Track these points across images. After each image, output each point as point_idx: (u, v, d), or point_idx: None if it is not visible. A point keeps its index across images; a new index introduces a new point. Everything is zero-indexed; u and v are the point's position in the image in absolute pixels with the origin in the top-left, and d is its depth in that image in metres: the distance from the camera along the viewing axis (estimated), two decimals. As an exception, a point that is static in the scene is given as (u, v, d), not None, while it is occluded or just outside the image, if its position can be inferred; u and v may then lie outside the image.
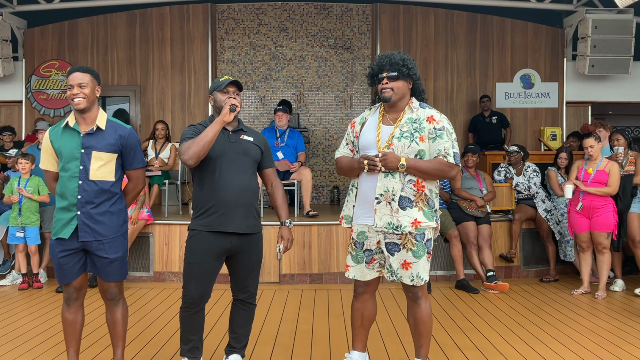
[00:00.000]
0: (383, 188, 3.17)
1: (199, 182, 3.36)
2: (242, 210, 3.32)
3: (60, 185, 3.27)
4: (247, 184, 3.36)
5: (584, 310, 5.25)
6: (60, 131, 3.30)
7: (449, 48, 9.24)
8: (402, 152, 3.16)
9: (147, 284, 6.39)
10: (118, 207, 3.35)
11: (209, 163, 3.30)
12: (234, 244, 3.34)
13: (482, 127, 8.81)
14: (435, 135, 3.16)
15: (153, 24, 9.11)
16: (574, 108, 9.32)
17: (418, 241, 3.18)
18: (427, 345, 3.34)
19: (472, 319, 4.99)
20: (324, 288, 6.20)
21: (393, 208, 3.15)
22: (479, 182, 6.57)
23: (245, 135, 3.44)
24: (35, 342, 4.26)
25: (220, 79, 3.44)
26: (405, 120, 3.21)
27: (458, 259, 6.24)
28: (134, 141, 3.38)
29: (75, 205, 3.22)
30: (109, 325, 3.45)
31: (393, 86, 3.21)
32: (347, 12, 9.38)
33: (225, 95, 3.39)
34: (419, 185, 3.16)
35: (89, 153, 3.23)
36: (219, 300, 5.45)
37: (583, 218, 5.86)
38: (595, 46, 8.31)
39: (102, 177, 3.26)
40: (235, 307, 3.54)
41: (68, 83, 3.25)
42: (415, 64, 3.26)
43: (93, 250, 3.26)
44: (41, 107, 9.05)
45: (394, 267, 3.22)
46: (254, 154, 3.44)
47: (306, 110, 9.40)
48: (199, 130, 3.33)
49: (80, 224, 3.22)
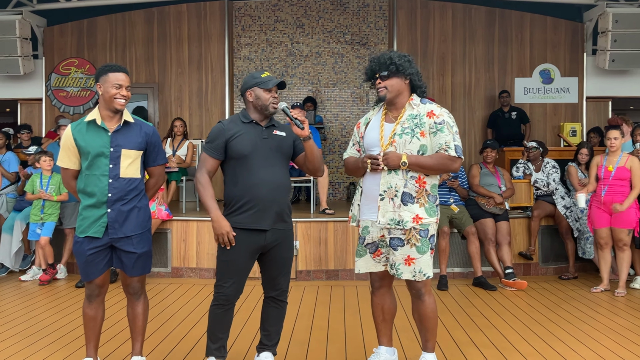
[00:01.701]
0: (386, 185, 3.22)
1: (232, 178, 3.33)
2: (276, 207, 3.30)
3: (86, 183, 3.27)
4: (281, 181, 3.34)
5: (603, 308, 5.18)
6: (85, 128, 3.29)
7: (467, 43, 9.17)
8: (404, 149, 3.20)
9: (165, 279, 6.45)
10: (144, 202, 3.40)
11: (242, 159, 3.28)
12: (267, 241, 3.32)
13: (501, 123, 8.73)
14: (436, 129, 3.19)
15: (171, 21, 9.18)
16: (594, 103, 9.19)
17: (422, 237, 3.21)
18: (433, 339, 3.42)
19: (490, 316, 4.95)
20: (339, 285, 6.20)
21: (395, 204, 3.20)
22: (498, 179, 6.51)
23: (277, 131, 3.40)
24: (54, 337, 4.32)
25: (261, 75, 3.36)
26: (406, 117, 3.25)
27: (476, 256, 6.19)
28: (158, 139, 3.44)
29: (105, 203, 3.24)
30: (130, 319, 3.48)
31: (386, 84, 3.26)
32: (364, 8, 9.35)
33: (269, 94, 3.33)
34: (421, 181, 3.21)
35: (118, 151, 3.26)
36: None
37: (604, 213, 5.77)
38: (615, 40, 8.20)
39: (132, 174, 3.31)
40: (267, 304, 3.51)
41: (115, 82, 3.24)
42: (408, 61, 3.27)
43: (121, 246, 3.29)
44: (61, 104, 9.16)
45: (396, 263, 3.25)
46: (287, 149, 3.41)
47: (322, 107, 9.39)
48: (224, 132, 3.29)
49: (110, 221, 3.25)
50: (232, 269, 3.29)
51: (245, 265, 3.32)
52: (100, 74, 3.30)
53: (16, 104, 9.43)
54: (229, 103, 9.17)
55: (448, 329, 4.51)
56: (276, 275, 3.43)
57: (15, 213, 6.70)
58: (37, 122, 9.20)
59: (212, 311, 3.36)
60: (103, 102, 3.30)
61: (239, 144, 3.28)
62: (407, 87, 3.31)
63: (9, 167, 7.01)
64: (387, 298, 3.46)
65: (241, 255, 3.28)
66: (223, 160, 3.35)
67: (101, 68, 3.32)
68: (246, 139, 3.29)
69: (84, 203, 3.30)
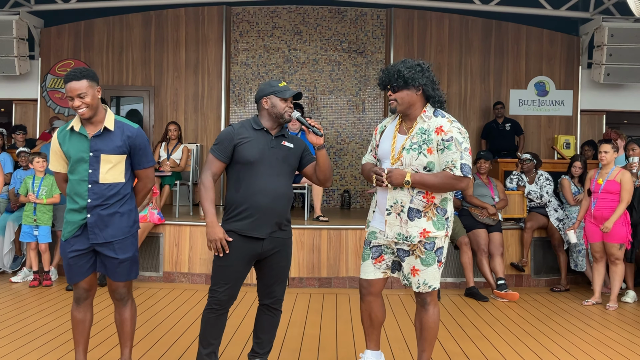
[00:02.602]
0: (392, 200, 3.22)
1: (235, 184, 3.32)
2: (275, 217, 3.30)
3: (70, 188, 3.27)
4: (284, 191, 3.34)
5: (595, 321, 5.19)
6: (68, 134, 3.27)
7: (463, 54, 9.21)
8: (411, 165, 3.18)
9: (156, 284, 6.41)
10: (128, 207, 3.34)
11: (248, 165, 3.28)
12: (264, 249, 3.31)
13: (495, 134, 8.77)
14: (444, 147, 3.13)
15: (168, 25, 9.18)
16: (589, 116, 9.24)
17: (427, 249, 3.19)
18: (429, 351, 3.38)
19: (481, 327, 4.95)
20: (332, 292, 6.19)
21: (402, 219, 3.19)
22: (491, 190, 6.53)
23: (286, 142, 3.40)
24: (44, 340, 4.29)
25: (279, 84, 3.37)
26: (417, 131, 3.21)
27: (468, 267, 6.20)
28: (143, 141, 3.34)
29: (86, 208, 3.23)
30: (117, 325, 3.46)
31: (396, 97, 3.24)
32: (362, 17, 9.38)
33: (285, 103, 3.33)
34: (429, 196, 3.18)
35: (97, 156, 3.22)
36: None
37: (596, 227, 5.80)
38: (611, 54, 8.25)
39: (112, 179, 3.26)
40: (261, 312, 3.51)
41: (67, 94, 3.18)
42: (420, 70, 3.19)
43: (103, 251, 3.27)
44: (56, 105, 9.13)
45: (405, 272, 3.27)
46: (293, 161, 3.42)
47: (318, 114, 9.41)
48: (232, 135, 3.30)
49: (90, 226, 3.23)
50: (227, 274, 3.28)
51: (241, 271, 3.31)
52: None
53: (11, 105, 9.39)
54: (224, 108, 9.17)
55: (440, 340, 4.50)
56: (272, 283, 3.43)
57: (7, 214, 6.66)
58: (31, 122, 9.17)
59: (205, 316, 3.35)
60: None
61: (247, 150, 3.28)
62: (420, 97, 3.24)
63: (4, 168, 6.97)
64: (375, 306, 3.43)
65: (237, 261, 3.27)
66: (229, 164, 3.35)
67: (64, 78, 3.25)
68: (254, 146, 3.29)
69: (68, 207, 3.30)
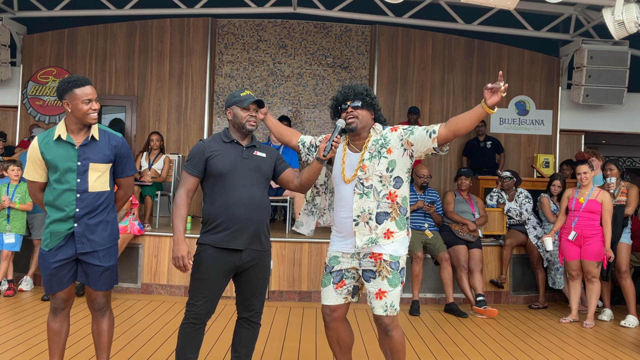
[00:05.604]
0: (359, 210, 3.21)
1: (210, 197, 3.30)
2: (253, 228, 3.27)
3: (55, 197, 3.21)
4: (260, 201, 3.32)
5: (572, 339, 5.24)
6: (52, 143, 3.22)
7: (446, 72, 9.32)
8: (374, 171, 3.21)
9: (134, 295, 6.33)
10: (112, 215, 3.35)
11: (221, 178, 3.26)
12: (243, 261, 3.28)
13: (476, 152, 8.85)
14: (409, 131, 3.22)
15: (153, 35, 9.16)
16: (568, 136, 9.39)
17: (393, 269, 3.18)
18: None
19: (460, 343, 4.97)
20: (312, 306, 6.16)
21: (371, 226, 3.19)
22: (472, 206, 6.59)
23: (258, 152, 3.39)
24: (18, 350, 4.20)
25: (241, 93, 3.35)
26: (372, 143, 3.26)
27: (448, 282, 6.23)
28: (127, 149, 3.37)
29: (73, 217, 3.19)
30: (94, 335, 3.41)
31: (358, 114, 3.26)
32: (347, 32, 9.46)
33: (246, 112, 3.32)
34: (392, 195, 3.21)
35: (85, 165, 3.20)
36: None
37: (574, 246, 5.87)
38: (590, 76, 8.41)
39: (100, 188, 3.25)
40: (240, 325, 3.46)
41: (84, 97, 3.15)
42: (374, 97, 3.33)
43: (87, 259, 3.23)
44: (37, 113, 9.03)
45: (371, 296, 3.22)
46: (267, 170, 3.39)
47: (302, 127, 9.42)
48: (203, 149, 3.29)
49: (77, 235, 3.19)
50: (205, 287, 3.25)
51: (219, 284, 3.28)
52: (64, 90, 3.18)
53: (-10, 111, 9.27)
54: (208, 119, 9.15)
55: (419, 355, 4.50)
56: (250, 296, 3.39)
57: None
58: (11, 129, 9.04)
59: (182, 330, 3.30)
60: (73, 118, 3.20)
61: (218, 162, 3.26)
62: (372, 121, 3.33)
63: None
64: (342, 331, 3.39)
65: (215, 273, 3.24)
66: (202, 178, 3.33)
67: (63, 84, 3.19)
68: (226, 158, 3.27)
69: (52, 217, 3.22)
